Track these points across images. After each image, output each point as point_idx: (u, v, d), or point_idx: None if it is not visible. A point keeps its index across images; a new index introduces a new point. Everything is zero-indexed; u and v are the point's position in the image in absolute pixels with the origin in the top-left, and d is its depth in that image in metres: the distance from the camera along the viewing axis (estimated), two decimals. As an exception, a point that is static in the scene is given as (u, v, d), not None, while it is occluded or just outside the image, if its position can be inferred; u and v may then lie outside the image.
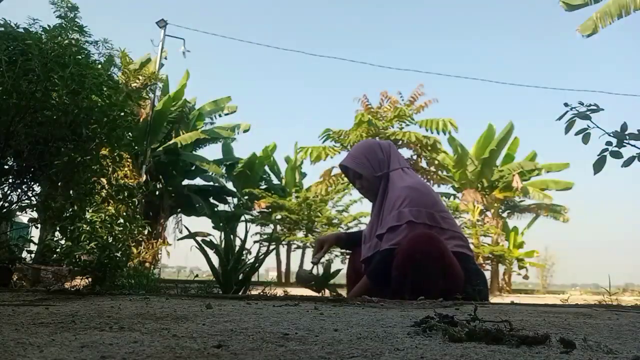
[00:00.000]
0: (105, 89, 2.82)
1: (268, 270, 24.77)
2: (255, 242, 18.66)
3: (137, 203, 3.33)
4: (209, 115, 18.55)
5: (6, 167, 2.79)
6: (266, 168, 21.25)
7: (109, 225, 2.85)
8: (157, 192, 16.12)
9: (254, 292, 2.40)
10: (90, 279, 2.40)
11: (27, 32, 2.73)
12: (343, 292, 2.52)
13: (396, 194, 2.39)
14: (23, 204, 2.93)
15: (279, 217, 19.16)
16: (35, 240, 3.35)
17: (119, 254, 2.44)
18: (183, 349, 0.83)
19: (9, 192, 2.84)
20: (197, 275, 3.42)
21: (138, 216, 3.27)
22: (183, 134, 16.36)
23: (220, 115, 18.80)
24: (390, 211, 2.36)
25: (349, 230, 18.52)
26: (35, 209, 3.01)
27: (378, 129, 16.49)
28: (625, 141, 1.76)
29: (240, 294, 2.39)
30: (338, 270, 2.74)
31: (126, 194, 3.21)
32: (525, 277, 20.99)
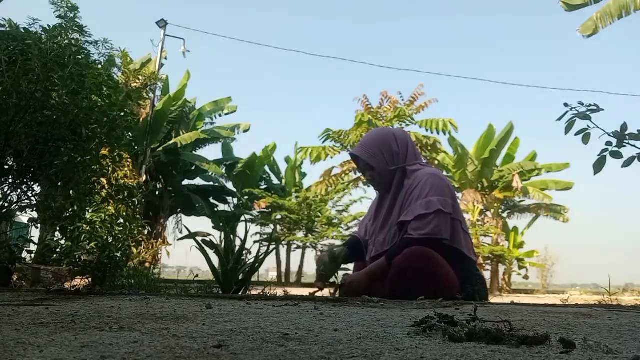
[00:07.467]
0: (105, 89, 2.82)
1: (268, 270, 24.79)
2: (255, 242, 18.66)
3: (137, 203, 3.33)
4: (209, 115, 18.56)
5: (6, 167, 2.79)
6: (266, 168, 21.26)
7: (109, 225, 2.85)
8: (157, 192, 16.14)
9: (254, 292, 2.40)
10: (90, 279, 2.40)
11: (27, 32, 2.72)
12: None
13: (420, 180, 2.33)
14: (23, 204, 2.93)
15: (279, 217, 19.16)
16: (35, 240, 3.35)
17: (119, 254, 2.44)
18: (183, 349, 0.83)
19: (9, 192, 2.83)
20: (197, 275, 3.41)
21: (138, 216, 3.27)
22: (183, 134, 16.37)
23: (220, 115, 18.83)
24: (417, 199, 2.28)
25: (348, 231, 18.61)
26: (35, 209, 3.01)
27: (378, 129, 16.49)
28: (625, 141, 1.76)
29: (240, 294, 2.39)
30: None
31: (126, 194, 3.21)
32: (525, 277, 21.00)
